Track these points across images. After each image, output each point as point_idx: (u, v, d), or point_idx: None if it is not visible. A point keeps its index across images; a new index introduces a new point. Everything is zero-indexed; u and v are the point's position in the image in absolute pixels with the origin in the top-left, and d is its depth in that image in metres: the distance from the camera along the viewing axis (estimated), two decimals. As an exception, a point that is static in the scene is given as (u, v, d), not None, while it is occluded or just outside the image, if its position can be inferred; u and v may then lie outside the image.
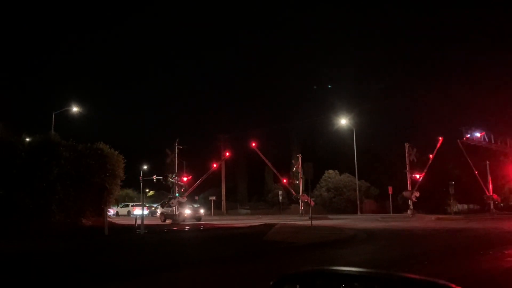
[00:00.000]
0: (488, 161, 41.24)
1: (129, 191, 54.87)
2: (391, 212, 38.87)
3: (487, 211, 40.01)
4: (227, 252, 11.65)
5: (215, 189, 51.25)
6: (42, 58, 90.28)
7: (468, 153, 40.83)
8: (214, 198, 47.79)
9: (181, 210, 30.93)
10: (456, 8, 62.97)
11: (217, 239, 16.10)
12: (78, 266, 9.14)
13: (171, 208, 30.93)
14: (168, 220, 30.89)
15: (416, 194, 35.90)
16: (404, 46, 76.21)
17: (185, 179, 31.72)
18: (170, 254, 11.43)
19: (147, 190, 55.48)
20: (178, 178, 30.35)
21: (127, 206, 48.80)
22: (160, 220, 32.33)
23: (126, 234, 18.93)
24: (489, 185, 41.24)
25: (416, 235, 18.00)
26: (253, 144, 40.29)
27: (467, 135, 39.97)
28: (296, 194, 40.12)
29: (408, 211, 35.61)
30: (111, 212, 40.12)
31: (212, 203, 46.78)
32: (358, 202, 43.09)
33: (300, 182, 39.70)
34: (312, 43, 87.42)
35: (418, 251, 12.11)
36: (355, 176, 44.68)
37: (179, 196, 30.07)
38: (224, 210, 50.70)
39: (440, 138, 38.12)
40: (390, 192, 39.69)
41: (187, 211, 32.00)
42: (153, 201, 50.38)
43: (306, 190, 37.09)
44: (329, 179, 47.93)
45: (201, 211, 34.46)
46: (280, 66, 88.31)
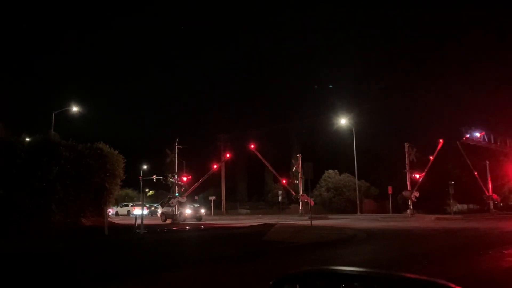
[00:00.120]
0: (488, 161, 41.26)
1: (129, 191, 54.89)
2: (391, 212, 38.93)
3: (487, 211, 40.04)
4: (227, 252, 11.66)
5: (215, 189, 51.25)
6: (42, 58, 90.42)
7: (468, 153, 40.84)
8: (214, 198, 47.76)
9: (182, 210, 30.97)
10: (456, 8, 62.88)
11: (217, 239, 16.11)
12: (78, 266, 9.14)
13: (172, 208, 30.96)
14: (169, 220, 30.92)
15: (416, 194, 35.93)
16: (404, 46, 76.23)
17: (185, 179, 31.78)
18: (170, 254, 11.42)
19: (147, 190, 55.26)
20: (178, 178, 30.41)
21: (127, 206, 48.84)
22: (161, 220, 32.36)
23: (126, 234, 18.91)
24: (489, 185, 41.28)
25: (416, 235, 18.01)
26: (252, 146, 40.09)
27: (467, 135, 39.92)
28: (296, 194, 40.12)
29: (408, 211, 35.65)
30: (111, 212, 40.14)
31: (212, 203, 46.73)
32: (358, 202, 43.09)
33: (300, 182, 39.67)
34: (312, 43, 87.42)
35: (418, 251, 12.11)
36: (355, 176, 44.67)
37: (179, 196, 30.11)
38: (224, 210, 50.70)
39: (441, 141, 38.04)
40: (390, 192, 39.75)
41: (188, 211, 32.05)
42: (153, 201, 50.29)
43: (306, 190, 37.08)
44: (329, 179, 47.95)
45: (202, 211, 34.45)
46: (280, 66, 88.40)
